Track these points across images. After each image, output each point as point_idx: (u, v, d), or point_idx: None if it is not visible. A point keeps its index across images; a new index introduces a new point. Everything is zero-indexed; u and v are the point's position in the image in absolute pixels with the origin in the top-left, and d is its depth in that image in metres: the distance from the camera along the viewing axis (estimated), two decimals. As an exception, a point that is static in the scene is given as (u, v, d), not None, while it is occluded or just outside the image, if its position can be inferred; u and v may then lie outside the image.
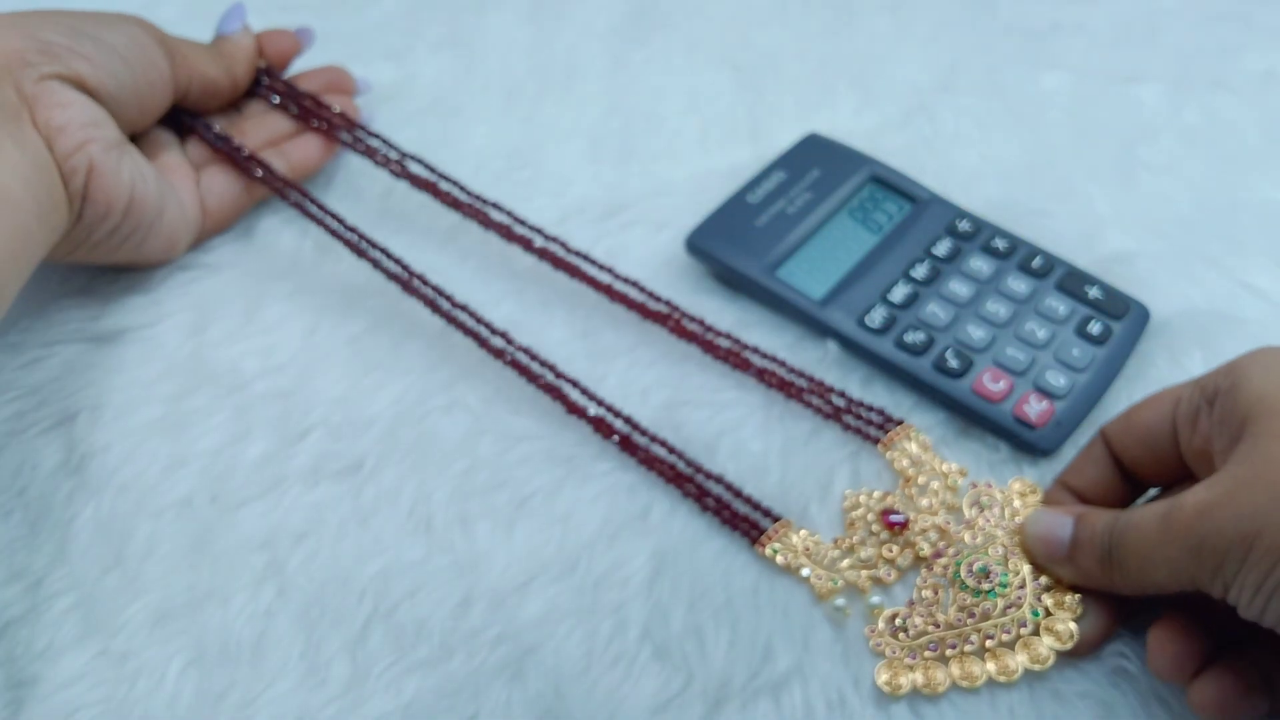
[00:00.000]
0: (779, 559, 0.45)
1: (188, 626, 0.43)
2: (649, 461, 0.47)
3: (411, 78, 0.66)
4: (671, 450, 0.48)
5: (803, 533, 0.46)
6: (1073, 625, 0.43)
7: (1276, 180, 0.60)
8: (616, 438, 0.48)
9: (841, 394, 0.50)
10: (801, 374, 0.51)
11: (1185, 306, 0.54)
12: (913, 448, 0.49)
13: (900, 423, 0.49)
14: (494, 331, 0.51)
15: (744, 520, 0.46)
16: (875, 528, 0.46)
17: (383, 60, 0.67)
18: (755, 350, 0.51)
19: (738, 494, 0.47)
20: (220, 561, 0.45)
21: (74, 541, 0.45)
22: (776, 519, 0.46)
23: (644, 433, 0.48)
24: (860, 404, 0.50)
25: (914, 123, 0.64)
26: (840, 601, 0.43)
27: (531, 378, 0.50)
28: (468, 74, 0.66)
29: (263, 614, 0.43)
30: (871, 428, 0.49)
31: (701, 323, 0.52)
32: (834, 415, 0.49)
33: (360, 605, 0.43)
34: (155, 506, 0.46)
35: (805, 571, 0.45)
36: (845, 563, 0.45)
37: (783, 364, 0.51)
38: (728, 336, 0.52)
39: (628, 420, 0.49)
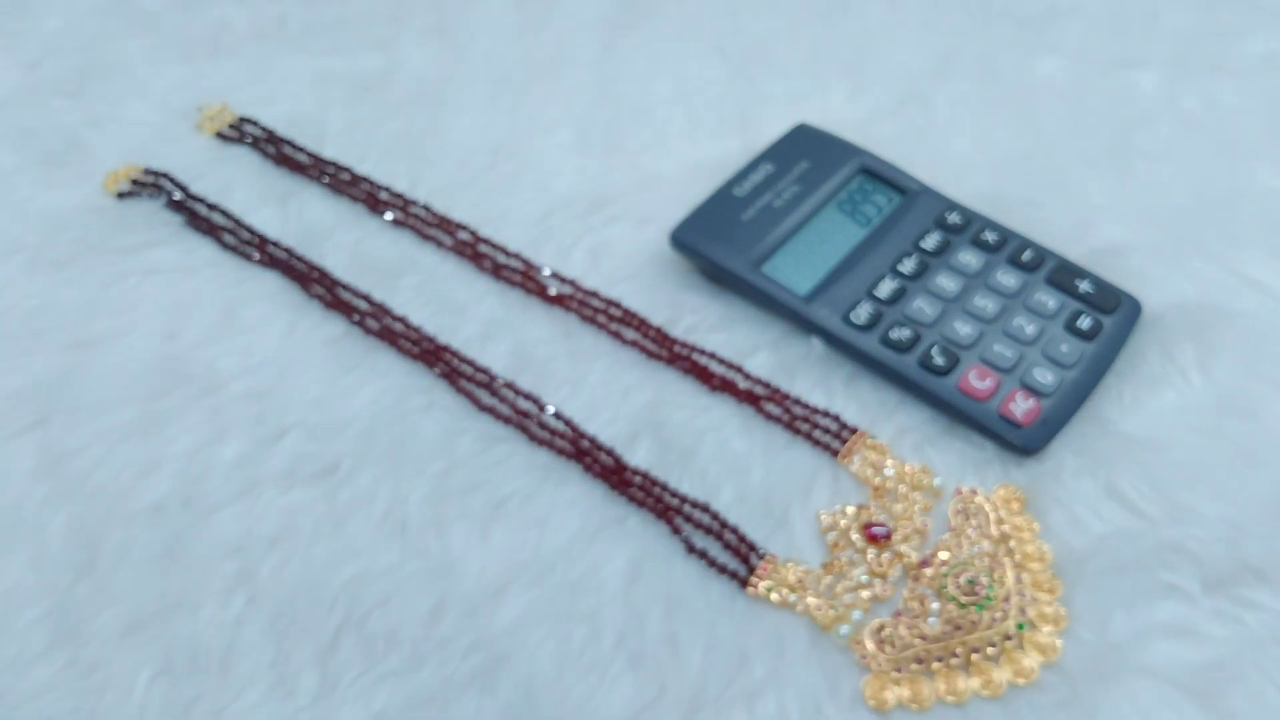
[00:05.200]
0: (773, 596, 0.44)
1: (157, 635, 0.43)
2: (637, 500, 0.47)
3: (397, 67, 0.65)
4: (654, 482, 0.47)
5: (790, 564, 0.45)
6: (1056, 640, 0.42)
7: (1276, 168, 0.59)
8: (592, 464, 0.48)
9: (797, 401, 0.49)
10: (759, 381, 0.50)
11: (1178, 299, 0.53)
12: (872, 455, 0.48)
13: (855, 431, 0.48)
14: (492, 378, 0.51)
15: (734, 551, 0.45)
16: (860, 544, 0.45)
17: (368, 49, 0.66)
18: (714, 356, 0.51)
19: (724, 525, 0.46)
20: (192, 568, 0.44)
21: (46, 549, 0.45)
22: (762, 555, 0.45)
23: (628, 467, 0.48)
24: (816, 410, 0.49)
25: (907, 110, 0.63)
26: (845, 629, 0.43)
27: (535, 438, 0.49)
28: (454, 63, 0.65)
29: (232, 623, 0.43)
30: (829, 436, 0.49)
31: (659, 330, 0.52)
32: (790, 425, 0.49)
33: (331, 613, 0.43)
34: (128, 511, 0.46)
35: (802, 606, 0.44)
36: (840, 587, 0.44)
37: (741, 370, 0.51)
38: (684, 344, 0.51)
39: (610, 453, 0.48)
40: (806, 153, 0.57)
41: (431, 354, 0.51)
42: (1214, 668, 0.41)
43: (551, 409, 0.49)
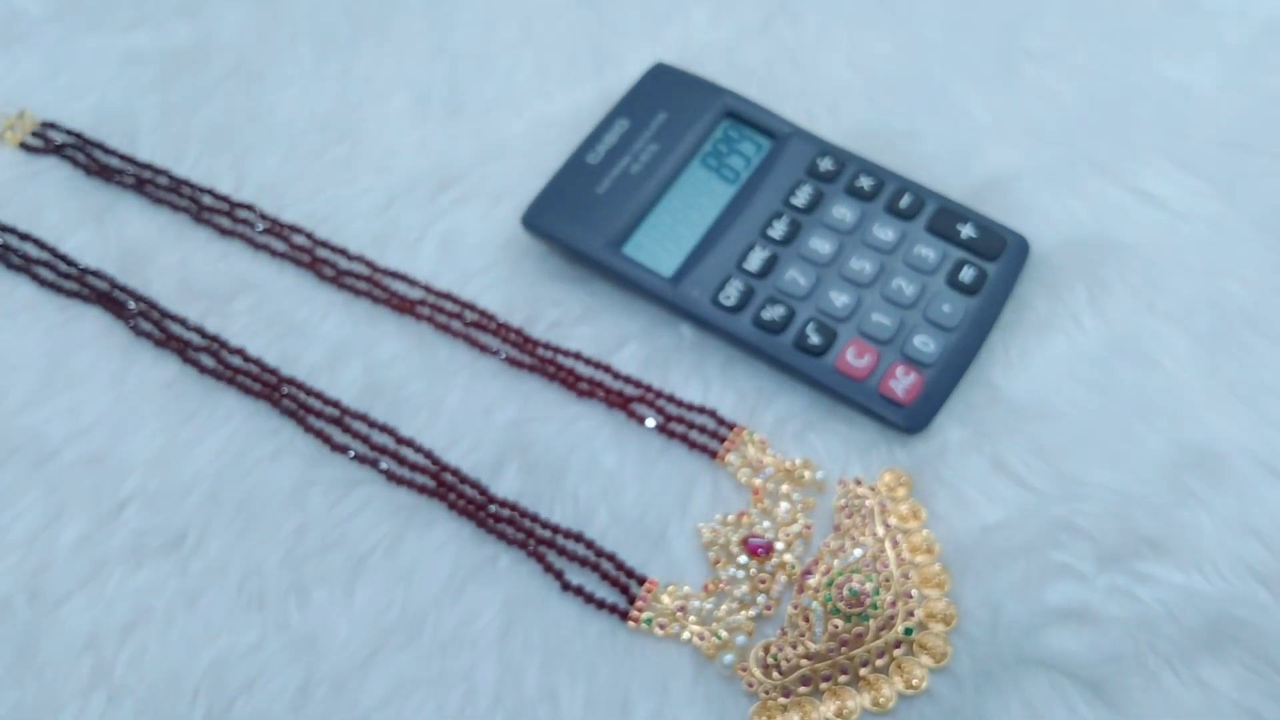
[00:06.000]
0: (657, 630, 0.42)
1: (17, 753, 0.41)
2: (506, 537, 0.44)
3: (209, 37, 0.58)
4: (524, 514, 0.45)
5: (671, 589, 0.43)
6: (946, 641, 0.41)
7: (1175, 55, 0.54)
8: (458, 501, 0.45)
9: (671, 398, 0.47)
10: (630, 380, 0.47)
11: (1069, 231, 0.50)
12: (752, 452, 0.45)
13: (733, 427, 0.46)
14: (343, 412, 0.47)
15: (612, 582, 0.43)
16: (742, 558, 0.43)
17: (175, 17, 0.58)
18: (579, 357, 0.48)
19: (601, 554, 0.44)
20: (45, 671, 0.42)
21: (-111, 670, 0.43)
22: (641, 580, 0.43)
23: (495, 500, 0.45)
24: (691, 407, 0.47)
25: (775, 27, 0.57)
26: (729, 658, 0.41)
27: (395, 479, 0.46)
28: (273, 24, 0.58)
29: (94, 729, 0.41)
30: (706, 436, 0.46)
31: (519, 332, 0.48)
32: (664, 428, 0.46)
33: (194, 706, 0.41)
34: (-28, 615, 0.43)
35: (686, 635, 0.42)
36: (723, 608, 0.42)
37: (609, 369, 0.48)
38: (547, 346, 0.48)
39: (475, 485, 0.45)
40: (665, 100, 0.52)
41: (275, 390, 0.47)
42: (1109, 654, 0.41)
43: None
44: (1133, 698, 0.40)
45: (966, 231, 0.48)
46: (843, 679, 0.41)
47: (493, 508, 0.45)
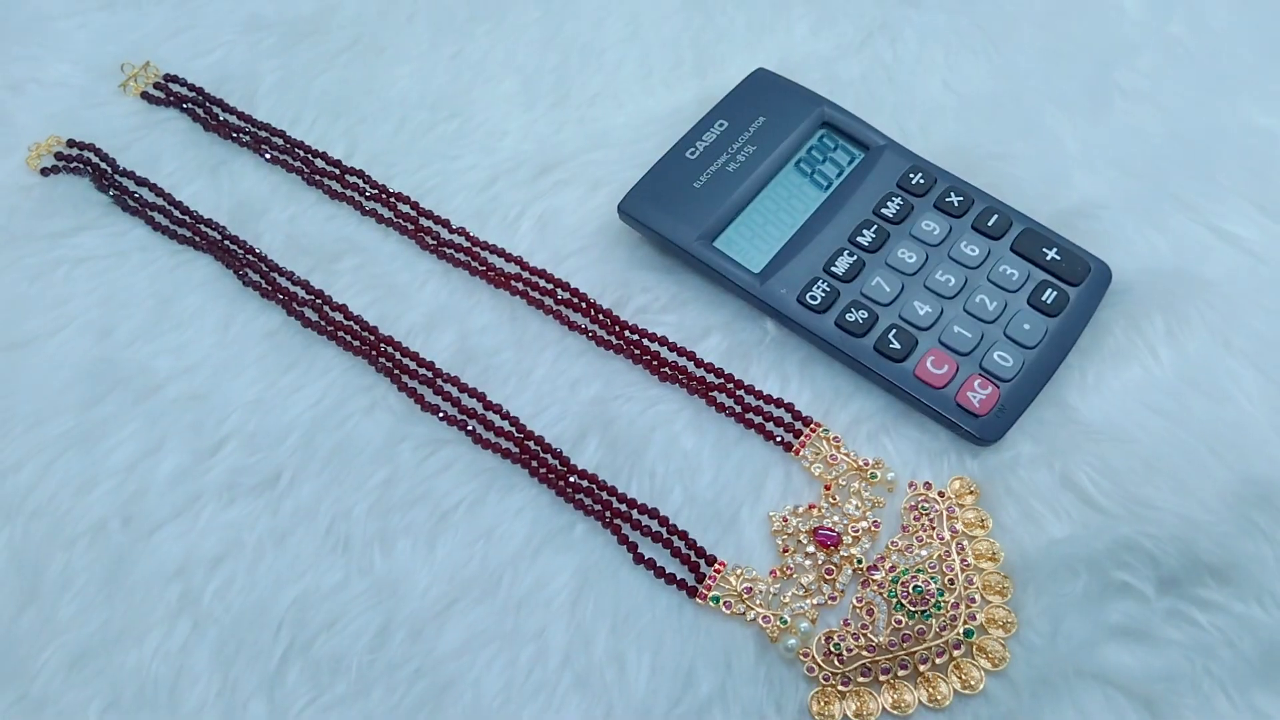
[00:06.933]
0: (723, 608, 0.43)
1: (104, 667, 0.43)
2: (584, 507, 0.46)
3: (332, 10, 0.60)
4: (602, 486, 0.46)
5: (739, 570, 0.44)
6: (1005, 646, 0.42)
7: (1266, 103, 0.55)
8: (541, 468, 0.47)
9: (750, 389, 0.48)
10: (712, 368, 0.49)
11: (1151, 263, 0.51)
12: (825, 448, 0.47)
13: (809, 422, 0.47)
14: (436, 374, 0.49)
15: (683, 559, 0.45)
16: (810, 548, 0.45)
17: (299, -11, 0.61)
18: (664, 342, 0.49)
19: (674, 531, 0.45)
20: (135, 594, 0.44)
21: (-13, 576, 0.45)
22: (711, 560, 0.44)
23: (575, 470, 0.46)
24: (770, 400, 0.48)
25: (874, 45, 0.59)
26: (792, 642, 0.42)
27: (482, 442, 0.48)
28: (393, 3, 0.61)
29: (179, 651, 0.43)
30: (781, 429, 0.47)
31: (609, 314, 0.50)
32: (742, 417, 0.48)
33: (277, 638, 0.43)
34: (69, 534, 0.45)
35: (751, 616, 0.43)
36: (788, 594, 0.44)
37: (693, 357, 0.49)
38: (634, 329, 0.50)
39: (558, 455, 0.47)
40: (764, 104, 0.54)
41: (373, 348, 0.49)
42: (1165, 674, 0.41)
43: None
44: (1185, 718, 0.41)
45: (1051, 255, 0.49)
46: (902, 673, 0.42)
47: (572, 478, 0.46)
